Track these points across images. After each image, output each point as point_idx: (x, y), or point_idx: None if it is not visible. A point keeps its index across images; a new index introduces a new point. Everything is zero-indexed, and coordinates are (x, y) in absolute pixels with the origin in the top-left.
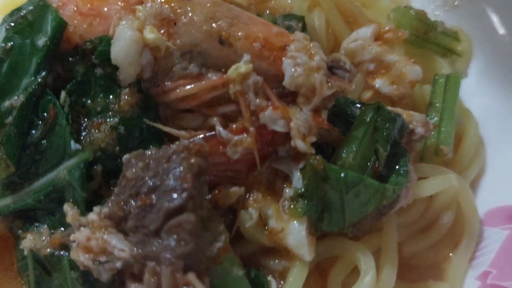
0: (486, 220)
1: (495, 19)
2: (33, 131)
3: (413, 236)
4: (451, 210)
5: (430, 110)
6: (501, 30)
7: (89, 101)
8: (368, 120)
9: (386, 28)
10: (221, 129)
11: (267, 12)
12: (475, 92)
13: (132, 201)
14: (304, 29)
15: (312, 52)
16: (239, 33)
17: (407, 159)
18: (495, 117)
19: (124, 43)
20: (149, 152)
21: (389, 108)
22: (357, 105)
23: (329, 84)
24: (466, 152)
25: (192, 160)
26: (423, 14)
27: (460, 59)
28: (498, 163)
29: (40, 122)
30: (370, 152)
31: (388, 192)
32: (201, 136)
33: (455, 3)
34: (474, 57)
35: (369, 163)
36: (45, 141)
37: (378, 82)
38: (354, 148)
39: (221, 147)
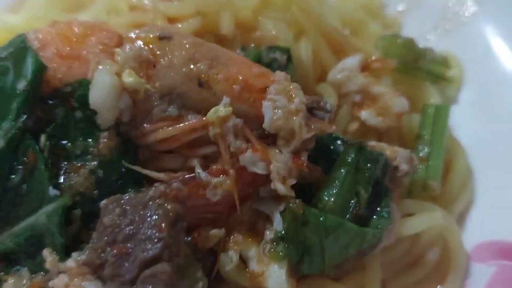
0: (474, 255)
1: (487, 43)
2: (13, 176)
3: (397, 273)
4: (436, 246)
5: (419, 142)
6: (493, 55)
7: (69, 144)
8: (349, 161)
9: (374, 58)
10: (200, 171)
11: (252, 45)
12: (464, 119)
13: (109, 249)
14: (289, 61)
15: (292, 94)
16: (218, 76)
17: (389, 199)
18: (484, 145)
19: (102, 88)
20: (127, 197)
21: (372, 144)
22: (340, 141)
23: (309, 127)
24: (454, 183)
25: (169, 207)
26: (411, 42)
27: (450, 85)
28: (487, 193)
29: (20, 166)
30: (351, 194)
31: (368, 236)
32: (180, 178)
33: (446, 27)
34: (465, 83)
35: (350, 205)
36: (25, 185)
37: (364, 114)
38: (335, 191)
39: (201, 189)
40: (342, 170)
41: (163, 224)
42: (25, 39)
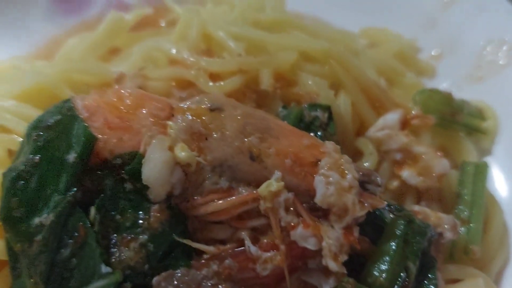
0: None
1: None
2: (63, 250)
3: None
4: None
5: (459, 203)
6: None
7: (118, 216)
8: (398, 234)
9: (413, 113)
10: (251, 245)
11: (293, 104)
12: (499, 172)
13: None
14: (330, 118)
15: (344, 169)
16: (270, 149)
17: (435, 270)
18: None
19: (156, 164)
20: (179, 274)
21: (416, 209)
22: (386, 207)
23: (362, 204)
24: (492, 242)
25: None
26: (449, 97)
27: (485, 137)
28: None
29: (70, 240)
30: (401, 269)
31: None
32: (230, 252)
33: (480, 75)
34: (499, 134)
35: (399, 279)
36: (74, 259)
37: (405, 173)
38: (386, 266)
39: (250, 263)
40: (391, 243)
41: None
42: (72, 107)
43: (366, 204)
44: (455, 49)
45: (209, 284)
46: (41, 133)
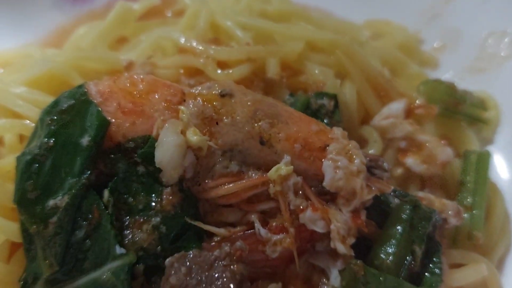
0: None
1: None
2: (77, 231)
3: None
4: None
5: (462, 190)
6: None
7: (131, 199)
8: (405, 218)
9: (417, 103)
10: (260, 228)
11: (300, 92)
12: (500, 161)
13: None
14: (336, 106)
15: (352, 154)
16: (280, 134)
17: (440, 254)
18: None
19: (168, 148)
20: (191, 255)
21: (420, 195)
22: (391, 193)
23: (370, 189)
24: (494, 230)
25: (235, 268)
26: (452, 87)
27: (486, 127)
28: None
29: (84, 222)
30: (407, 252)
31: None
32: (240, 234)
33: (482, 66)
34: (501, 124)
35: (405, 262)
36: (88, 241)
37: (409, 161)
38: (392, 249)
39: (260, 245)
40: (398, 228)
41: (231, 286)
42: (86, 92)
43: (373, 188)
44: (458, 41)
45: (221, 263)
46: (55, 117)
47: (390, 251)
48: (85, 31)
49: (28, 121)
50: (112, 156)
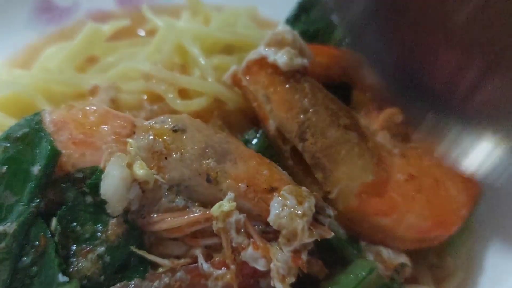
0: None
1: None
2: (24, 258)
3: None
4: None
5: None
6: None
7: (78, 227)
8: (360, 276)
9: None
10: (203, 262)
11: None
12: None
13: None
14: None
15: (304, 198)
16: (226, 174)
17: None
18: None
19: (113, 180)
20: (132, 285)
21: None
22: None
23: (311, 232)
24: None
25: None
26: None
27: None
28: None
29: (31, 249)
30: None
31: None
32: (183, 267)
33: None
34: None
35: None
36: (35, 267)
37: None
38: None
39: (202, 279)
40: (351, 279)
41: None
42: (40, 121)
43: (315, 233)
44: None
45: None
46: (9, 144)
47: None
48: (53, 52)
49: None
50: (62, 185)
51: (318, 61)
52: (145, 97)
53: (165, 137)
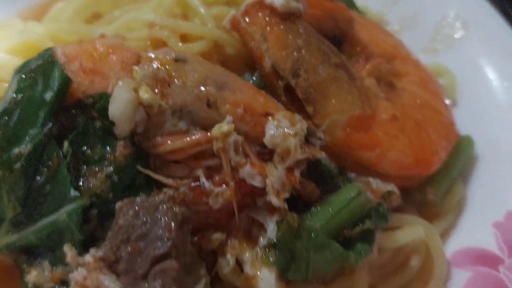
0: (454, 261)
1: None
2: (38, 177)
3: (384, 277)
4: (419, 254)
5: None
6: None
7: (88, 150)
8: (348, 197)
9: None
10: (204, 180)
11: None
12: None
13: (123, 246)
14: None
15: (296, 121)
16: (225, 99)
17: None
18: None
19: (121, 102)
20: (139, 200)
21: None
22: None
23: (303, 150)
24: (449, 199)
25: (177, 210)
26: None
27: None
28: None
29: (44, 169)
30: (344, 223)
31: (350, 259)
32: (187, 185)
33: (438, 48)
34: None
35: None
36: (48, 186)
37: None
38: (329, 216)
39: (204, 196)
40: (340, 201)
41: (172, 225)
42: (52, 54)
43: (306, 150)
44: (415, 24)
45: (165, 206)
46: (24, 75)
47: (326, 216)
48: (62, 6)
49: (6, 84)
50: (73, 111)
51: (312, 13)
52: (149, 43)
53: (168, 66)
